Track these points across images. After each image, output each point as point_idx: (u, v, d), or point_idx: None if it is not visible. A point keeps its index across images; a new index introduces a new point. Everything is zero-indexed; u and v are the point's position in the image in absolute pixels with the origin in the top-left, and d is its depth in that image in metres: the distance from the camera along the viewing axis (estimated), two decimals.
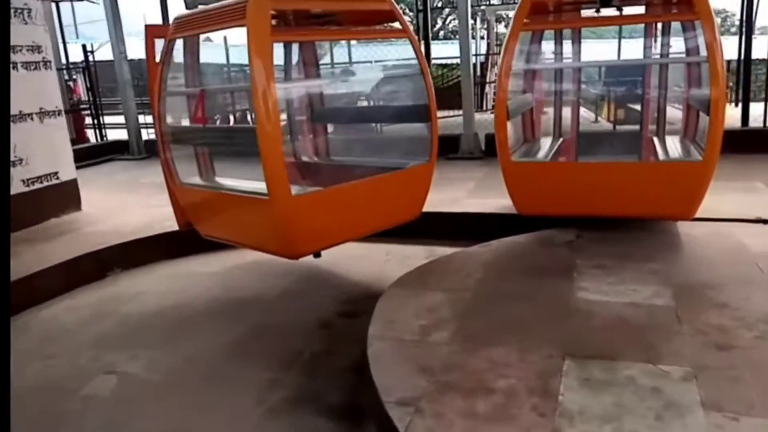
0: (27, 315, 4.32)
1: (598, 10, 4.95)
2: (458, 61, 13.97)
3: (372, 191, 4.03)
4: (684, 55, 5.35)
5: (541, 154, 5.46)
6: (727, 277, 3.65)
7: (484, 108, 15.99)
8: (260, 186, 3.56)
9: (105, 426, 2.95)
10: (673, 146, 5.33)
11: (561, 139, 5.95)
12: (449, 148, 8.02)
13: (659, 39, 5.46)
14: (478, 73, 17.49)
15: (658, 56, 5.54)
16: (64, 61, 12.86)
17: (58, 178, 6.35)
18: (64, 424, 2.98)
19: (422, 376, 2.70)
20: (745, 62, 8.22)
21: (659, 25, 5.48)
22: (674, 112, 5.98)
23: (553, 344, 2.94)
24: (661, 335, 2.99)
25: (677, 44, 5.31)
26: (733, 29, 24.73)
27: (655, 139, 5.65)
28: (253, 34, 3.33)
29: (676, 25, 5.32)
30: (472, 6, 21.63)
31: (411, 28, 4.37)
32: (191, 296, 4.48)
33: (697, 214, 4.78)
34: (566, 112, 6.06)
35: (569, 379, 2.64)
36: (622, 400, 2.46)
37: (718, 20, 4.16)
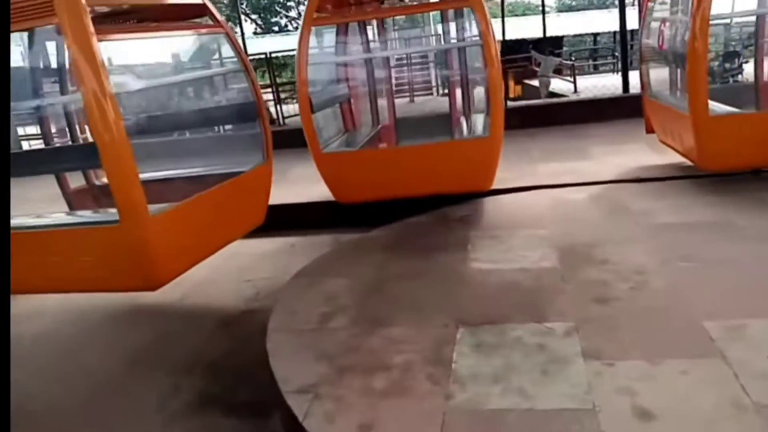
0: None
1: (381, 2, 5.45)
2: None
3: (221, 200, 3.78)
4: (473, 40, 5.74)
5: (356, 143, 5.72)
6: (608, 235, 3.90)
7: None
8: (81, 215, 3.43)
9: None
10: (477, 124, 5.74)
11: (379, 127, 6.25)
12: None
13: (452, 25, 6.00)
14: None
15: (451, 41, 6.14)
16: None
17: None
18: None
19: (321, 363, 2.73)
20: (622, 34, 8.75)
21: (451, 13, 5.94)
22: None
23: (448, 315, 3.05)
24: (547, 296, 3.16)
25: (472, 29, 5.68)
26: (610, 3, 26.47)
27: (462, 119, 6.09)
28: (72, 30, 2.89)
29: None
30: None
31: (225, 23, 4.19)
32: (88, 308, 4.29)
33: (585, 179, 5.11)
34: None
35: (462, 346, 2.75)
36: (511, 360, 2.59)
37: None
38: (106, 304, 4.31)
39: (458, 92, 6.22)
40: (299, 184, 5.97)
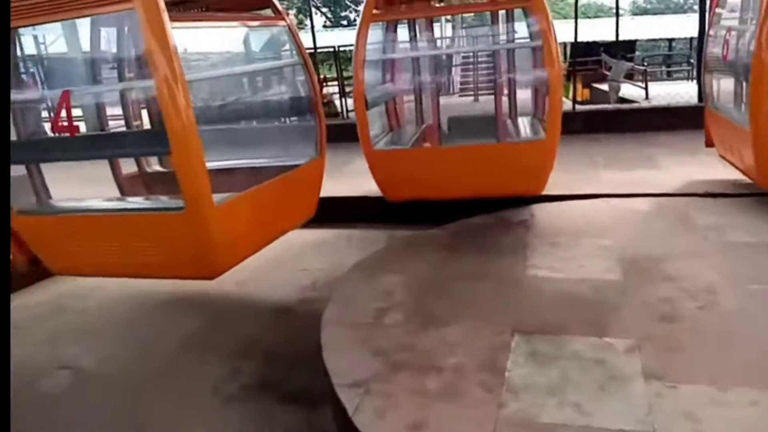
0: None
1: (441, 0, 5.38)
2: None
3: (279, 191, 3.80)
4: (527, 41, 5.60)
5: (402, 142, 5.65)
6: (675, 250, 3.75)
7: (452, 92, 15.98)
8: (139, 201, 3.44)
9: (60, 422, 2.93)
10: (524, 126, 5.62)
11: (423, 126, 6.15)
12: None
13: (503, 26, 5.82)
14: None
15: (502, 42, 5.92)
16: None
17: None
18: (17, 419, 2.95)
19: (374, 358, 2.74)
20: (700, 40, 8.38)
21: (502, 13, 5.82)
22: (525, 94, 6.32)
23: (504, 321, 3.00)
24: (608, 309, 3.07)
25: (522, 30, 5.61)
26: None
27: (508, 121, 5.95)
28: (148, 15, 2.86)
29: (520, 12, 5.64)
30: None
31: (290, 16, 4.22)
32: (149, 289, 4.44)
33: (652, 189, 4.93)
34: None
35: (516, 354, 2.70)
36: (567, 372, 2.53)
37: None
38: (165, 288, 4.45)
39: (505, 93, 6.17)
40: (356, 177, 6.00)
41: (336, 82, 10.95)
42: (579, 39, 9.64)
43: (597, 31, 18.31)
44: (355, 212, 5.53)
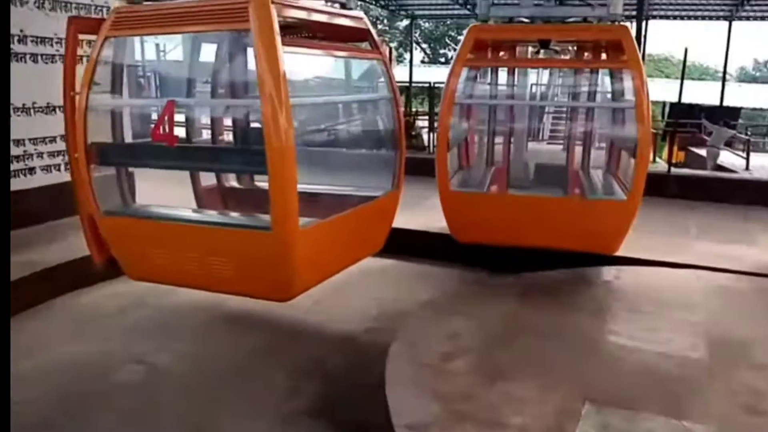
0: (69, 298, 4.49)
1: (537, 51, 5.31)
2: None
3: (358, 221, 3.81)
4: (609, 95, 5.56)
5: (473, 182, 5.60)
6: (767, 334, 3.50)
7: (541, 138, 15.78)
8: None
9: (128, 414, 3.04)
10: (598, 181, 5.51)
11: (492, 168, 6.01)
12: None
13: (586, 79, 5.76)
14: None
15: (585, 96, 5.90)
16: None
17: None
18: (88, 408, 3.09)
19: (436, 403, 2.69)
20: None
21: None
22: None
23: (575, 386, 2.88)
24: (689, 390, 2.88)
25: (604, 84, 5.65)
26: None
27: (581, 173, 5.82)
28: (261, 37, 2.95)
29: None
30: None
31: (387, 50, 4.35)
32: (226, 296, 4.56)
33: (747, 267, 4.64)
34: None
35: (586, 424, 2.57)
36: None
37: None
38: (234, 300, 4.56)
39: (579, 146, 6.07)
40: (433, 211, 5.96)
41: (426, 117, 11.10)
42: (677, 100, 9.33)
43: (699, 93, 17.65)
44: (430, 247, 5.50)
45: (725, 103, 15.48)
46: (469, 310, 3.75)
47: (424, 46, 30.00)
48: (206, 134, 4.69)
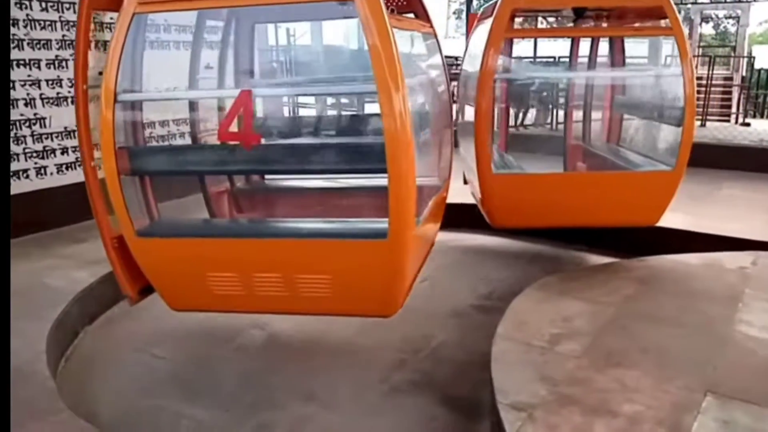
0: None
1: (574, 21, 4.96)
2: None
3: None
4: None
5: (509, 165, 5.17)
6: None
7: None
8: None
9: (247, 375, 3.28)
10: (608, 152, 5.26)
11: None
12: None
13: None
14: None
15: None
16: None
17: None
18: (212, 367, 3.38)
19: (543, 384, 2.64)
20: None
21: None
22: None
23: (696, 377, 2.70)
24: None
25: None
26: None
27: (583, 145, 5.67)
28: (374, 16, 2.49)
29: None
30: (677, 3, 20.05)
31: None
32: None
33: None
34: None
35: (707, 417, 2.41)
36: None
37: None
38: None
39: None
40: None
41: None
42: None
43: None
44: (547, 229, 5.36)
45: None
46: (583, 293, 3.62)
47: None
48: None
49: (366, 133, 3.71)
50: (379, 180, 2.74)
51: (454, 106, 4.66)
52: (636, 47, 5.77)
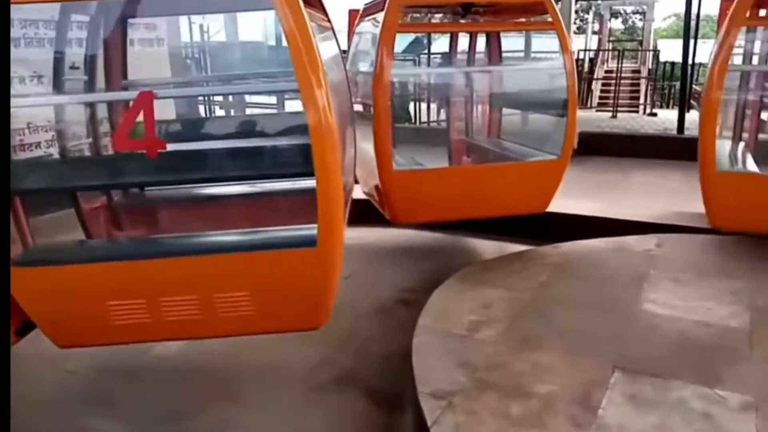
0: None
1: (463, 16, 5.08)
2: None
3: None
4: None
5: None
6: None
7: (590, 105, 15.35)
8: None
9: (162, 383, 3.17)
10: (491, 145, 5.41)
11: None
12: None
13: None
14: (586, 68, 16.82)
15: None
16: None
17: None
18: (131, 379, 3.26)
19: (462, 372, 2.70)
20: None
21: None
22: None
23: (606, 355, 2.83)
24: (726, 359, 2.79)
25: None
26: None
27: (467, 139, 5.79)
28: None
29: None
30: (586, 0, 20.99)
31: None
32: None
33: None
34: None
35: (614, 392, 2.54)
36: (668, 422, 2.34)
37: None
38: None
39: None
40: None
41: None
42: None
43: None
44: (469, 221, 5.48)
45: None
46: (501, 281, 3.73)
47: None
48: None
49: (287, 133, 3.52)
50: (286, 183, 2.67)
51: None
52: (518, 42, 5.97)
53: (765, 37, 5.17)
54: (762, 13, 4.77)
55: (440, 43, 11.29)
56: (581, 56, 16.38)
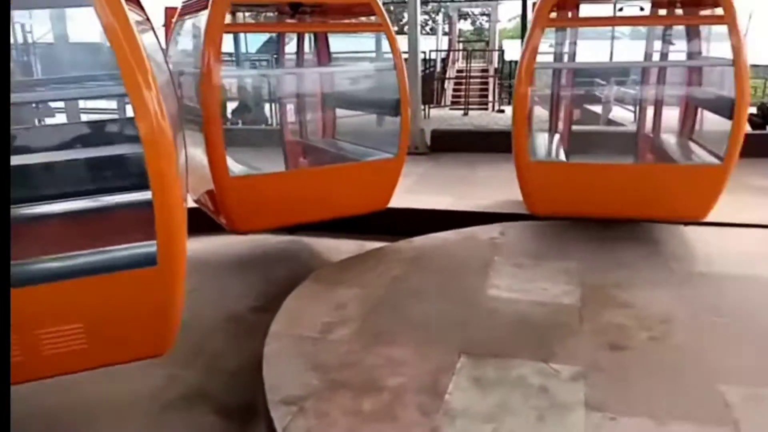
0: None
1: (292, 16, 4.88)
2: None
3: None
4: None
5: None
6: (638, 277, 3.71)
7: (443, 104, 16.04)
8: None
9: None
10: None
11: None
12: None
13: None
14: (439, 68, 17.55)
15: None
16: None
17: None
18: None
19: (314, 374, 2.67)
20: None
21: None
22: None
23: (453, 342, 2.94)
24: (560, 334, 3.01)
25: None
26: None
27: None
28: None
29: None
30: (436, 1, 21.94)
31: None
32: None
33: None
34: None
35: (460, 377, 2.64)
36: (508, 399, 2.47)
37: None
38: None
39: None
40: None
41: None
42: None
43: None
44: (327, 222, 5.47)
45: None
46: (355, 280, 3.75)
47: None
48: None
49: (114, 143, 3.19)
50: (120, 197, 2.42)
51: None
52: (361, 42, 5.92)
53: (572, 37, 5.60)
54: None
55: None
56: (433, 56, 17.05)
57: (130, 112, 2.36)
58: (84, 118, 3.88)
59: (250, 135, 6.86)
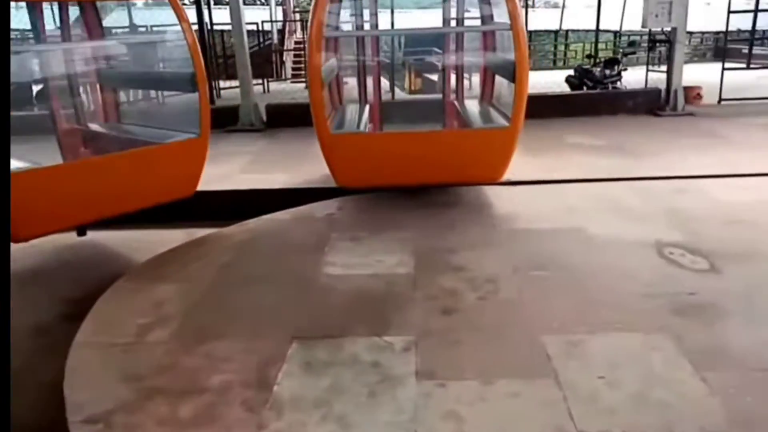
0: None
1: None
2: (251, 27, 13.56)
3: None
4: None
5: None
6: (471, 239, 3.78)
7: (284, 77, 15.62)
8: None
9: None
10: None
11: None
12: (228, 120, 7.63)
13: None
14: (276, 40, 17.05)
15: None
16: None
17: None
18: None
19: (125, 385, 2.37)
20: None
21: None
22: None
23: (285, 328, 2.78)
24: (394, 305, 2.97)
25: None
26: None
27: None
28: None
29: None
30: None
31: None
32: None
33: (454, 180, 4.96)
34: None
35: (291, 364, 2.49)
36: (340, 380, 2.36)
37: None
38: None
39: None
40: None
41: None
42: None
43: None
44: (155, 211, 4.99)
45: None
46: (176, 273, 3.44)
47: None
48: None
49: None
50: None
51: None
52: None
53: (371, 8, 5.60)
54: None
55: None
56: (268, 28, 16.51)
57: None
58: None
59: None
